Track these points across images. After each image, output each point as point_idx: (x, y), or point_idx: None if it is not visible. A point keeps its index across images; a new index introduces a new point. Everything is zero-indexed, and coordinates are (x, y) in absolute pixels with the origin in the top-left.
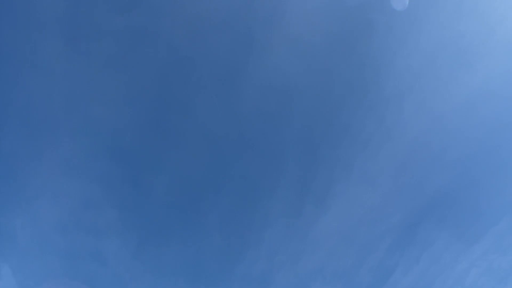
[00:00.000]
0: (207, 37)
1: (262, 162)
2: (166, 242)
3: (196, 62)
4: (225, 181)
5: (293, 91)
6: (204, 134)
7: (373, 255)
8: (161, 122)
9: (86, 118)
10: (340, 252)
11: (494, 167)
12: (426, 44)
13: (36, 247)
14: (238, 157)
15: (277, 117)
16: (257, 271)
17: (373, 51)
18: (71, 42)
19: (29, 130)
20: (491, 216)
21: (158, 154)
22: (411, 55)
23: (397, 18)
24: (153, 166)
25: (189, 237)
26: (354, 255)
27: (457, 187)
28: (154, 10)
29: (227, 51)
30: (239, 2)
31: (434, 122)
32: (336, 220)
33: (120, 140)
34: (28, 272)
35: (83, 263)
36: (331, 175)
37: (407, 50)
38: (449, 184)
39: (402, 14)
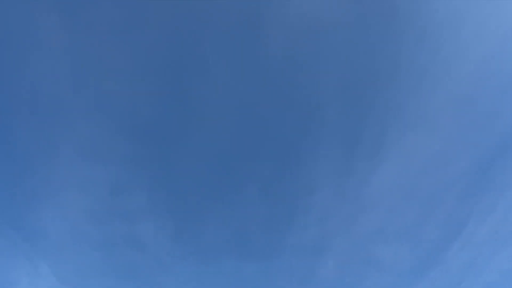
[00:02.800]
0: None
1: (301, 119)
2: (205, 221)
3: (212, 16)
4: (261, 146)
5: (327, 26)
6: (231, 97)
7: (440, 208)
8: (180, 91)
9: (98, 96)
10: (401, 209)
11: None
12: None
13: (71, 240)
14: (272, 117)
15: (311, 63)
16: (308, 239)
17: None
18: (69, 11)
19: (41, 119)
20: None
21: (183, 126)
22: None
23: None
24: (179, 139)
25: (230, 213)
26: (418, 210)
27: None
28: None
29: None
30: None
31: (497, 46)
32: (393, 173)
33: (139, 116)
34: (67, 267)
35: (121, 251)
36: (382, 122)
37: None
38: None
39: None
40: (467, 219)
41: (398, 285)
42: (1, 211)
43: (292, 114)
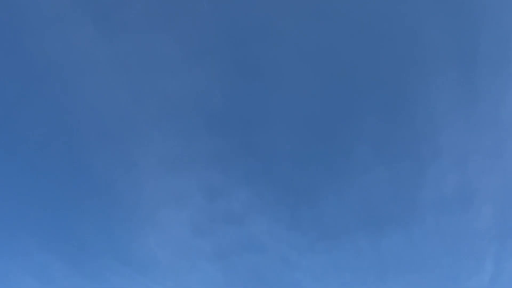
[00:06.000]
0: None
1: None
2: (320, 201)
3: None
4: (365, 100)
5: None
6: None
7: None
8: (253, 65)
9: (165, 99)
10: None
11: None
12: None
13: (182, 259)
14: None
15: None
16: (449, 188)
17: None
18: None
19: (112, 138)
20: None
21: (265, 104)
22: None
23: None
24: (264, 121)
25: (346, 184)
26: None
27: None
28: None
29: None
30: None
31: None
32: None
33: (215, 110)
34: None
35: (239, 257)
36: None
37: None
38: None
39: None
40: None
41: None
42: (104, 248)
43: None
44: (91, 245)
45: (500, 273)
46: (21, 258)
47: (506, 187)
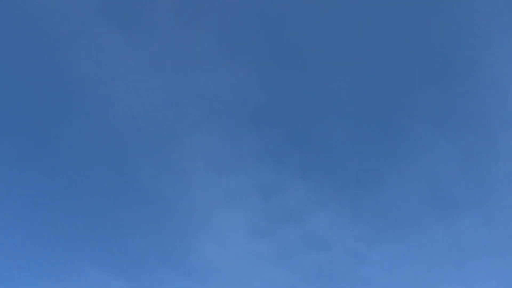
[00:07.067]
0: None
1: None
2: (383, 187)
3: None
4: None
5: None
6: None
7: None
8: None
9: (195, 94)
10: None
11: None
12: None
13: (244, 265)
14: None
15: None
16: None
17: None
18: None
19: (159, 148)
20: None
21: (309, 91)
22: None
23: None
24: (309, 107)
25: (410, 163)
26: None
27: None
28: None
29: None
30: None
31: None
32: None
33: (257, 104)
34: None
35: (304, 257)
36: None
37: None
38: None
39: None
40: None
41: None
42: (160, 260)
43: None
44: (146, 258)
45: None
46: (76, 275)
47: None
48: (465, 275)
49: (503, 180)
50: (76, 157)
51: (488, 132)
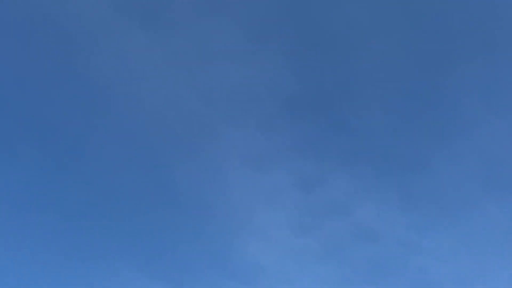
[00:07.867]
0: None
1: None
2: (432, 171)
3: None
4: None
5: None
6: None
7: None
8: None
9: (224, 88)
10: None
11: None
12: None
13: (291, 261)
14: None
15: None
16: None
17: None
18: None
19: (181, 139)
20: None
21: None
22: None
23: None
24: (342, 95)
25: (460, 142)
26: None
27: None
28: None
29: None
30: None
31: None
32: None
33: (283, 88)
34: None
35: (354, 251)
36: None
37: None
38: None
39: None
40: None
41: None
42: (202, 263)
43: None
44: (188, 261)
45: None
46: (117, 282)
47: None
48: None
49: None
50: (107, 163)
51: None
